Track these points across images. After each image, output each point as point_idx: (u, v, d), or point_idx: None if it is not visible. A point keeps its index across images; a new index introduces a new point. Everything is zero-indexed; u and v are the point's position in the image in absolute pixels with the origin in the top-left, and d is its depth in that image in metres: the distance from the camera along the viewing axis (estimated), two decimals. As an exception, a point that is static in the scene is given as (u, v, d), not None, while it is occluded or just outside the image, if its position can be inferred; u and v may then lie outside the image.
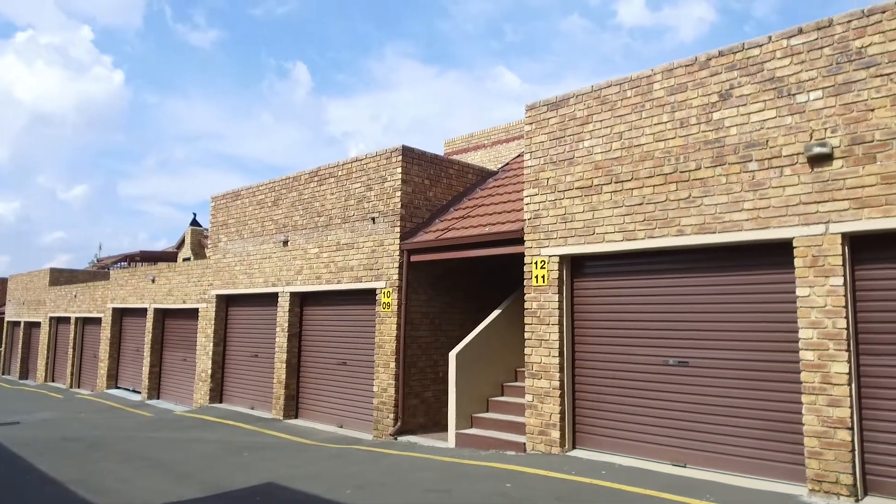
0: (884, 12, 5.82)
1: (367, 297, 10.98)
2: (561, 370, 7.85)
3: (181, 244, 30.15)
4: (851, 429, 5.66)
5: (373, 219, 10.77)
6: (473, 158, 16.15)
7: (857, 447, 5.68)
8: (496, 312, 9.64)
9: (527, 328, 8.21)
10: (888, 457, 5.62)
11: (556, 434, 7.72)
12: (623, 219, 7.44)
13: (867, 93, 5.85)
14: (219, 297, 14.46)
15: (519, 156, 12.72)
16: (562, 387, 7.83)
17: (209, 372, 14.28)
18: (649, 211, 7.22)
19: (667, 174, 7.12)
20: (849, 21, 6.03)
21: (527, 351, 8.17)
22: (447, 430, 9.13)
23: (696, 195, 6.86)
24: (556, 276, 8.01)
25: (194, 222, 30.03)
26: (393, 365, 10.15)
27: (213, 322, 14.39)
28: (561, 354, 7.89)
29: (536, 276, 8.20)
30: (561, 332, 7.93)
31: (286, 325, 12.36)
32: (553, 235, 8.10)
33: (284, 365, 12.29)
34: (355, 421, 11.00)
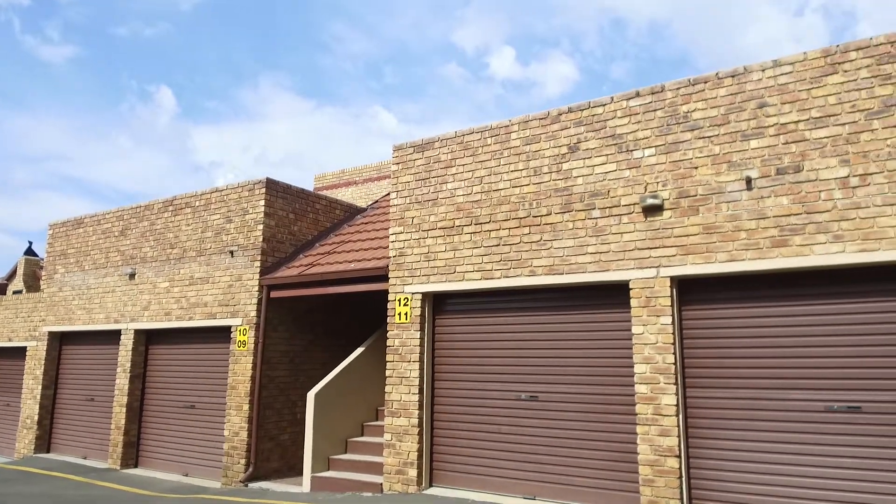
0: (706, 82, 6.65)
1: (222, 334, 10.42)
2: (420, 407, 7.88)
3: (12, 275, 26.97)
4: (679, 456, 6.17)
5: (231, 252, 10.32)
6: (344, 195, 16.11)
7: (684, 474, 6.19)
8: (359, 350, 9.53)
9: (388, 365, 8.18)
10: (711, 482, 6.17)
11: (413, 472, 7.69)
12: (482, 259, 7.72)
13: (692, 152, 6.60)
14: (51, 333, 13.04)
15: (388, 194, 12.85)
16: (421, 424, 7.84)
17: (35, 418, 12.73)
18: (505, 252, 7.56)
19: (521, 218, 7.52)
20: (678, 88, 6.81)
21: (387, 389, 8.12)
22: (303, 475, 8.77)
23: (547, 238, 7.30)
24: (419, 313, 8.10)
25: (29, 251, 27.00)
26: (246, 407, 9.64)
27: (42, 362, 12.92)
28: (421, 392, 7.93)
29: (400, 314, 8.24)
30: (422, 368, 7.99)
31: (129, 365, 11.38)
32: (417, 273, 8.22)
33: (125, 409, 11.25)
34: (203, 468, 10.26)
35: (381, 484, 7.92)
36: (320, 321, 10.93)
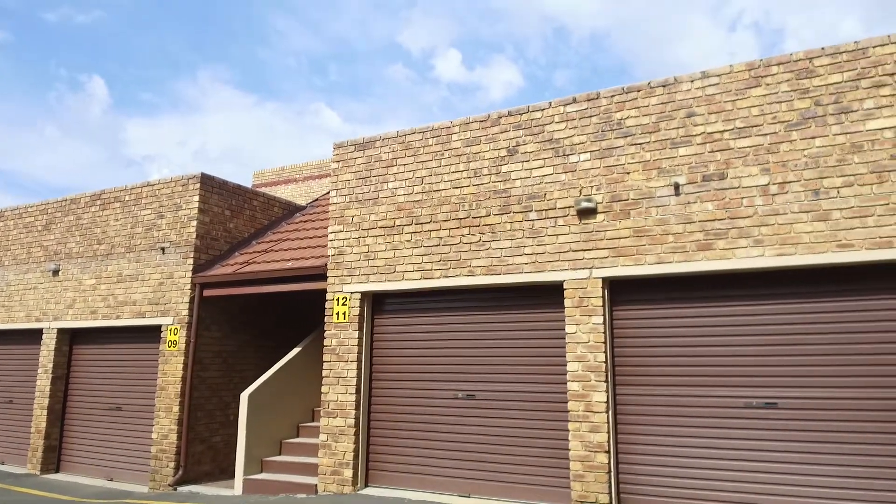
0: (639, 91, 6.89)
1: (151, 334, 10.07)
2: (357, 407, 7.83)
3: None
4: (609, 452, 6.36)
5: (163, 249, 9.99)
6: (284, 192, 15.85)
7: (613, 469, 6.38)
8: (296, 350, 9.38)
9: (325, 365, 8.09)
10: (638, 476, 6.39)
11: (348, 473, 7.63)
12: (422, 258, 7.75)
13: (625, 158, 6.82)
14: (-36, 333, 12.27)
15: (328, 192, 12.71)
16: (357, 424, 7.79)
17: (-56, 423, 11.94)
18: (445, 252, 7.61)
19: (461, 218, 7.59)
20: (612, 96, 7.03)
21: (324, 389, 8.04)
22: (235, 477, 8.56)
23: (486, 239, 7.39)
24: (358, 312, 8.05)
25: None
26: (176, 408, 9.34)
27: (-47, 363, 12.13)
28: (358, 391, 7.88)
29: (338, 313, 8.17)
30: (359, 368, 7.94)
31: (51, 365, 10.84)
32: (356, 272, 8.16)
33: (45, 412, 10.71)
34: (129, 472, 9.87)
35: (316, 485, 7.83)
36: (256, 321, 10.71)
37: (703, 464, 6.13)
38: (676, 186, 6.47)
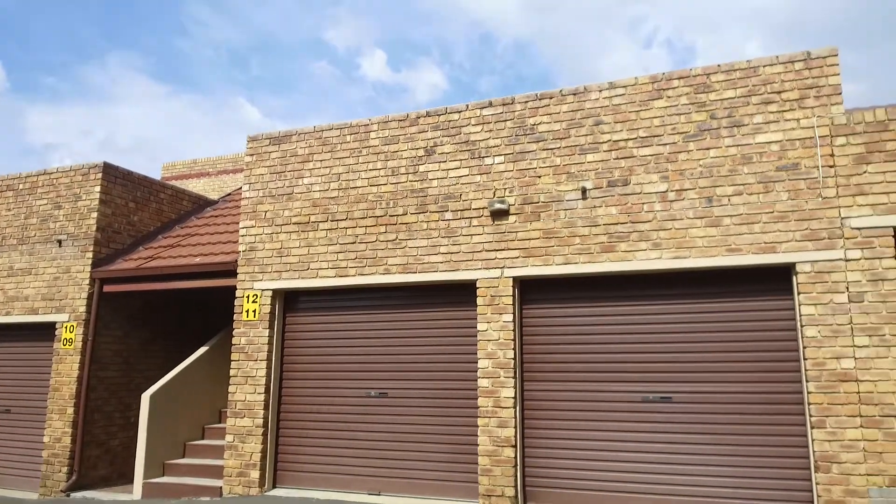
0: (551, 98, 7.13)
1: (45, 332, 9.44)
2: (266, 407, 7.66)
3: None
4: (515, 446, 6.54)
5: (59, 241, 9.40)
6: (196, 186, 15.26)
7: (519, 463, 6.57)
8: (203, 349, 9.07)
9: (233, 364, 7.87)
10: (543, 469, 6.60)
11: (255, 474, 7.45)
12: (337, 256, 7.69)
13: (537, 162, 7.04)
14: None
15: (242, 187, 12.36)
16: (266, 424, 7.62)
17: None
18: (361, 250, 7.58)
19: (378, 216, 7.59)
20: (526, 101, 7.24)
21: (231, 388, 7.81)
22: (134, 482, 8.16)
23: (402, 238, 7.43)
24: (269, 310, 7.88)
25: None
26: (71, 410, 8.80)
27: None
28: (267, 391, 7.71)
29: (248, 311, 7.96)
30: (269, 368, 7.77)
31: (-74, 365, 9.94)
32: (268, 269, 7.99)
33: (-81, 416, 9.81)
34: (18, 479, 9.21)
35: (221, 487, 7.60)
36: (161, 319, 10.26)
37: (603, 455, 6.42)
38: (584, 191, 6.75)
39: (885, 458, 5.46)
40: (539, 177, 7.00)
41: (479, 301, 6.93)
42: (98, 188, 9.41)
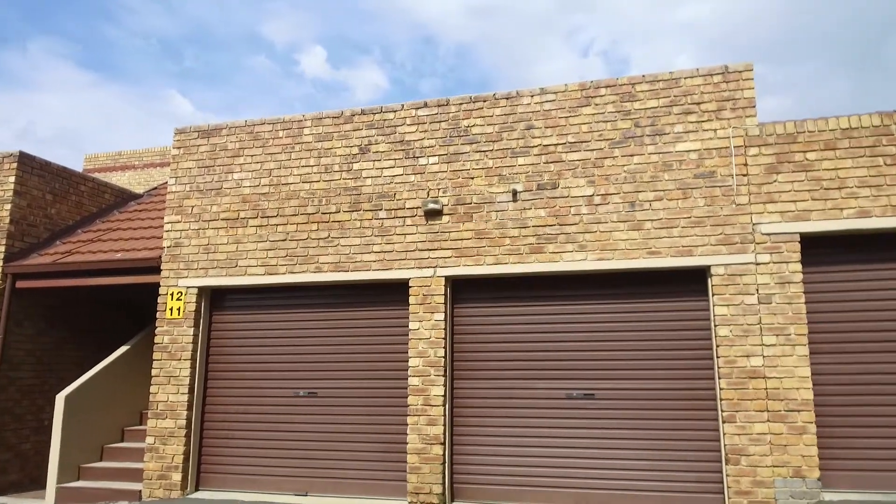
0: (485, 101, 7.24)
1: (-51, 329, 8.84)
2: (189, 408, 7.44)
3: None
4: (444, 444, 6.61)
5: (-33, 233, 8.83)
6: (120, 180, 14.65)
7: (448, 460, 6.64)
8: (123, 349, 8.71)
9: (155, 364, 7.61)
10: (471, 466, 6.69)
11: (177, 477, 7.23)
12: (266, 253, 7.55)
13: (470, 164, 7.13)
14: None
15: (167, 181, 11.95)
16: (189, 426, 7.41)
17: None
18: (292, 247, 7.48)
19: (310, 214, 7.51)
20: (461, 103, 7.32)
21: (153, 389, 7.55)
22: (47, 487, 7.76)
23: (335, 236, 7.38)
24: (194, 308, 7.66)
25: None
26: (-23, 413, 8.29)
27: None
28: (191, 391, 7.49)
29: (172, 308, 7.71)
30: (193, 367, 7.56)
31: None
32: (194, 266, 7.77)
33: None
34: (-87, 489, 8.58)
35: (141, 491, 7.33)
36: (79, 317, 9.80)
37: (529, 451, 6.57)
38: (514, 193, 6.89)
39: (789, 450, 5.82)
40: (472, 178, 7.09)
41: (412, 300, 6.96)
42: (12, 179, 8.90)
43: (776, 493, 5.78)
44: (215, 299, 7.88)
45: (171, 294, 7.74)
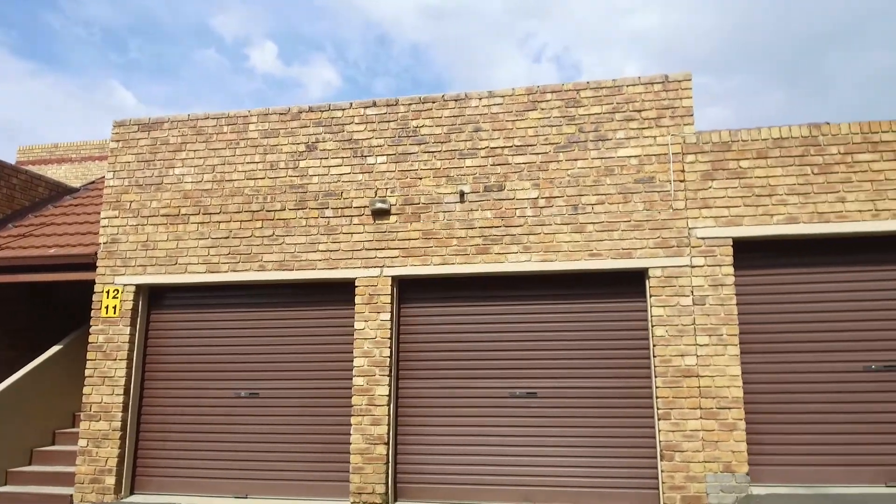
0: (434, 102, 7.27)
1: None
2: (125, 409, 7.21)
3: None
4: (388, 444, 6.60)
5: None
6: (56, 173, 14.05)
7: (391, 460, 6.63)
8: (55, 349, 8.36)
9: (89, 364, 7.34)
10: (415, 465, 6.71)
11: (111, 480, 6.99)
12: (208, 251, 7.39)
13: (418, 164, 7.15)
14: None
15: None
16: (124, 428, 7.17)
17: None
18: (235, 245, 7.34)
19: (254, 211, 7.39)
20: (410, 104, 7.34)
21: (86, 390, 7.28)
22: (-32, 494, 7.38)
23: (280, 234, 7.28)
24: (131, 306, 7.43)
25: None
26: None
27: None
28: (127, 392, 7.26)
29: (107, 307, 7.45)
30: (130, 368, 7.32)
31: None
32: (131, 263, 7.53)
33: None
34: None
35: (72, 496, 7.05)
36: (8, 315, 9.35)
37: (473, 450, 6.63)
38: (462, 194, 6.95)
39: (720, 446, 6.06)
40: (420, 178, 7.12)
41: (358, 300, 6.93)
42: (-66, 168, 8.43)
43: (707, 487, 6.00)
44: (154, 298, 7.66)
45: (107, 292, 7.48)
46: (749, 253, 6.49)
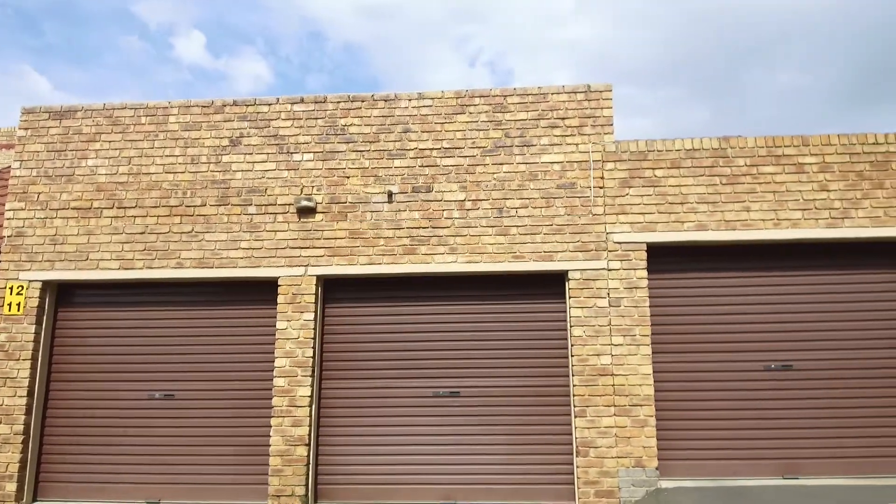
0: (363, 101, 7.25)
1: None
2: (28, 412, 6.82)
3: None
4: (309, 445, 6.53)
5: None
6: (-48, 160, 13.04)
7: (312, 461, 6.57)
8: (-50, 348, 7.79)
9: (-12, 365, 6.89)
10: (337, 466, 6.67)
11: (11, 487, 6.59)
12: (122, 246, 7.08)
13: (346, 163, 7.11)
14: None
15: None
16: (27, 431, 6.78)
17: None
18: (151, 241, 7.07)
19: (173, 206, 7.14)
20: (339, 102, 7.28)
21: (-16, 392, 6.83)
22: None
23: (199, 230, 7.06)
24: (37, 304, 7.03)
25: None
26: None
27: None
28: (31, 394, 6.86)
29: (11, 304, 7.02)
30: (34, 368, 6.93)
31: None
32: (38, 258, 7.12)
33: None
34: None
35: (-35, 506, 6.61)
36: None
37: (396, 450, 6.65)
38: (390, 194, 6.96)
39: (632, 442, 6.34)
40: (348, 177, 7.08)
41: (280, 299, 6.82)
42: None
43: (620, 482, 6.26)
44: (62, 295, 7.27)
45: (11, 288, 7.05)
46: (662, 258, 6.81)
